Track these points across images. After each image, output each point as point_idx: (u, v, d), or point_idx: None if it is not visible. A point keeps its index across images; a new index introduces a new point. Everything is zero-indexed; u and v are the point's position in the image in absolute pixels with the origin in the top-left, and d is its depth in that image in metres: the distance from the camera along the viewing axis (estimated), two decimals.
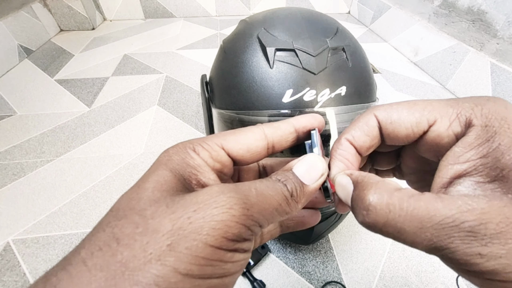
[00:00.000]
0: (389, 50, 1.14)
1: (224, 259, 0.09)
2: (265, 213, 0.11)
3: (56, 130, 0.70)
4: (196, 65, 0.99)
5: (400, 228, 0.10)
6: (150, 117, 0.75)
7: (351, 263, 0.45)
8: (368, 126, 0.14)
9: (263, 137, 0.14)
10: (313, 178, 0.13)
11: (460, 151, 0.12)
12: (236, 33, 0.39)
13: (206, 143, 0.13)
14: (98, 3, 1.30)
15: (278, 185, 0.12)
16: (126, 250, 0.09)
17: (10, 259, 0.44)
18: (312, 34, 0.33)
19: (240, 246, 0.10)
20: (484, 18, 0.78)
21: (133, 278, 0.08)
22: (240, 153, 0.14)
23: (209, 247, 0.09)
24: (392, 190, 0.11)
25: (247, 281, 0.42)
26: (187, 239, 0.09)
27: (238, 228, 0.09)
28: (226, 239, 0.09)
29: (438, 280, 0.43)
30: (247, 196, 0.10)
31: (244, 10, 1.46)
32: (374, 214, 0.11)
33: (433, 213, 0.10)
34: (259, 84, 0.31)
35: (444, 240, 0.10)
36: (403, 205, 0.10)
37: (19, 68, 0.96)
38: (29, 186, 0.56)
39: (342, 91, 0.31)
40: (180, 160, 0.12)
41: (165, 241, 0.09)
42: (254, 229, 0.10)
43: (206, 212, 0.09)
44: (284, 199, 0.12)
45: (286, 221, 0.17)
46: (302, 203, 0.13)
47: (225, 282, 0.09)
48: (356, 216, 0.12)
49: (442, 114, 0.13)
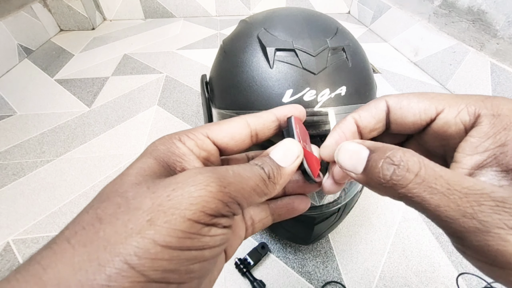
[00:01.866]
0: (389, 50, 1.14)
1: (202, 232, 0.10)
2: (242, 192, 0.11)
3: (56, 130, 0.70)
4: (196, 65, 0.99)
5: (428, 188, 0.10)
6: (150, 117, 0.75)
7: (351, 263, 0.45)
8: (376, 109, 0.15)
9: (246, 126, 0.15)
10: (289, 160, 0.14)
11: (477, 141, 0.12)
12: (236, 33, 0.39)
13: (191, 133, 0.14)
14: (98, 3, 1.30)
15: (255, 167, 0.13)
16: (108, 227, 0.09)
17: (10, 259, 0.44)
18: (312, 34, 0.33)
19: (218, 221, 0.10)
20: (484, 18, 0.78)
21: (114, 251, 0.08)
22: (224, 141, 0.14)
23: (187, 220, 0.09)
24: (419, 155, 0.11)
25: (247, 281, 0.42)
26: (166, 214, 0.09)
27: (215, 203, 0.10)
28: (203, 213, 0.09)
29: (438, 280, 0.43)
30: (224, 176, 0.11)
31: (244, 10, 1.46)
32: (405, 168, 0.11)
33: (462, 179, 0.10)
34: (259, 84, 0.31)
35: (473, 206, 0.09)
36: (434, 167, 0.10)
37: (19, 68, 0.96)
38: (29, 186, 0.56)
39: (342, 91, 0.31)
40: (166, 149, 0.13)
41: (145, 217, 0.09)
42: (232, 206, 0.11)
43: (184, 189, 0.10)
44: (261, 180, 0.12)
45: (277, 209, 0.17)
46: (280, 184, 0.13)
47: (204, 255, 0.10)
48: (376, 174, 0.12)
49: (451, 104, 0.13)
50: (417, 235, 0.49)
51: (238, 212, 0.12)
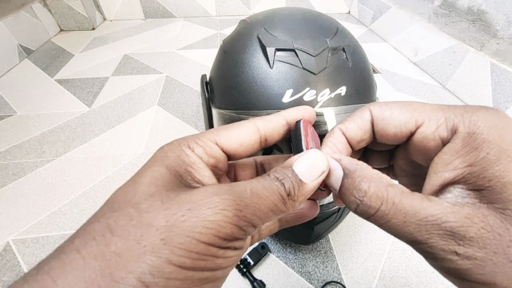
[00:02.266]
0: (389, 50, 1.14)
1: (217, 255, 0.10)
2: (259, 213, 0.11)
3: (56, 130, 0.70)
4: (196, 65, 0.99)
5: (387, 220, 0.11)
6: (150, 117, 0.75)
7: (351, 263, 0.45)
8: (362, 120, 0.15)
9: (256, 131, 0.14)
10: (313, 176, 0.13)
11: (448, 159, 0.12)
12: (236, 33, 0.39)
13: (200, 140, 0.13)
14: (98, 3, 1.30)
15: (274, 184, 0.12)
16: (120, 241, 0.09)
17: (10, 259, 0.44)
18: (312, 34, 0.33)
19: (232, 245, 0.10)
20: (484, 18, 0.78)
21: (128, 268, 0.08)
22: (233, 147, 0.14)
23: (201, 243, 0.09)
24: (386, 185, 0.12)
25: (247, 281, 0.42)
26: (181, 235, 0.09)
27: (230, 228, 0.10)
28: (218, 237, 0.10)
29: (438, 280, 0.43)
30: (241, 198, 0.11)
31: (244, 10, 1.46)
32: (367, 205, 0.12)
33: (418, 210, 0.11)
34: (259, 84, 0.31)
35: (423, 235, 0.11)
36: (394, 199, 0.11)
37: (19, 68, 0.96)
38: (29, 186, 0.56)
39: (342, 91, 0.31)
40: (176, 157, 0.12)
41: (159, 236, 0.09)
42: (247, 229, 0.11)
43: (200, 211, 0.10)
44: (280, 199, 0.12)
45: (285, 216, 0.17)
46: (300, 202, 0.13)
47: (216, 275, 0.10)
48: (346, 202, 0.13)
49: (431, 117, 0.13)
50: None
51: (253, 233, 0.11)
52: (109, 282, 0.08)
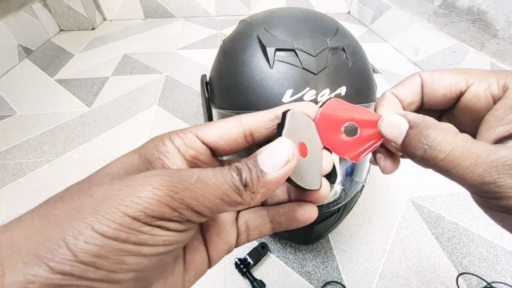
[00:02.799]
0: (389, 50, 1.14)
1: (142, 230, 0.10)
2: (202, 200, 0.11)
3: (56, 130, 0.69)
4: (196, 65, 0.99)
5: (456, 164, 0.12)
6: (150, 117, 0.75)
7: (351, 263, 0.45)
8: (412, 83, 0.16)
9: (238, 125, 0.14)
10: (276, 166, 0.12)
11: (501, 114, 0.13)
12: (236, 33, 0.39)
13: (182, 132, 0.14)
14: (98, 3, 1.30)
15: (229, 174, 0.11)
16: (63, 207, 0.10)
17: None
18: (312, 34, 0.33)
19: (162, 224, 0.10)
20: (484, 18, 0.78)
21: (59, 229, 0.09)
22: (213, 140, 0.14)
23: (126, 216, 0.10)
24: (455, 132, 0.12)
25: (247, 281, 0.42)
26: (109, 206, 0.10)
27: (159, 207, 0.10)
28: (144, 213, 0.10)
29: (438, 280, 0.43)
30: (183, 181, 0.11)
31: (244, 10, 1.46)
32: (437, 149, 0.12)
33: (490, 153, 0.11)
34: (259, 84, 0.31)
35: (493, 175, 0.11)
36: (464, 144, 0.12)
37: (19, 68, 0.96)
38: (29, 186, 0.55)
39: (342, 91, 0.31)
40: (153, 147, 0.13)
41: (92, 205, 0.10)
42: (184, 213, 0.10)
43: (134, 188, 0.10)
44: (234, 189, 0.11)
45: (277, 217, 0.16)
46: (263, 195, 0.12)
47: (141, 250, 0.10)
48: (411, 150, 0.13)
49: (482, 78, 0.14)
50: (417, 235, 0.49)
51: (197, 219, 0.11)
52: (42, 239, 0.09)
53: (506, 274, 0.44)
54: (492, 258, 0.46)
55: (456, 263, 0.45)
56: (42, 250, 0.09)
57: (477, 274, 0.44)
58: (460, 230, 0.50)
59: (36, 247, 0.09)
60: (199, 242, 0.15)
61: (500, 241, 0.49)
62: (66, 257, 0.09)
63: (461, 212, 0.53)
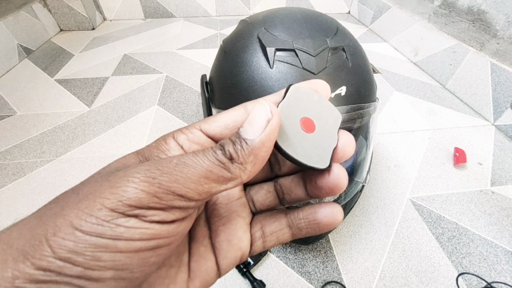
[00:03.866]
0: (389, 50, 1.14)
1: (117, 222, 0.09)
2: (183, 181, 0.10)
3: (56, 130, 0.69)
4: (196, 65, 0.99)
5: None
6: (150, 117, 0.75)
7: (351, 263, 0.45)
8: None
9: (243, 112, 0.13)
10: (257, 130, 0.11)
11: None
12: (236, 33, 0.39)
13: (186, 128, 0.13)
14: (98, 3, 1.30)
15: (210, 151, 0.11)
16: (54, 206, 0.10)
17: None
18: (312, 34, 0.33)
19: (142, 213, 0.10)
20: (484, 18, 0.78)
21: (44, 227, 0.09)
22: (217, 131, 0.13)
23: (104, 208, 0.09)
24: None
25: (247, 281, 0.42)
26: (90, 201, 0.10)
27: (136, 194, 0.10)
28: (121, 202, 0.09)
29: (438, 280, 0.43)
30: (161, 167, 0.10)
31: (244, 10, 1.46)
32: None
33: None
34: (259, 84, 0.31)
35: None
36: None
37: (19, 68, 0.96)
38: (29, 186, 0.55)
39: (342, 91, 0.31)
40: (154, 146, 0.13)
41: (76, 202, 0.10)
42: (164, 197, 0.10)
43: (113, 181, 0.10)
44: (217, 164, 0.11)
45: (296, 221, 0.14)
46: (252, 164, 0.11)
47: (116, 245, 0.09)
48: None
49: None
50: (417, 235, 0.49)
51: (182, 204, 0.10)
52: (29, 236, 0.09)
53: (506, 274, 0.44)
54: (492, 258, 0.46)
55: (456, 263, 0.45)
56: (27, 246, 0.09)
57: (477, 274, 0.44)
58: (460, 230, 0.50)
59: (24, 243, 0.09)
60: (206, 249, 0.14)
61: (500, 241, 0.49)
62: (45, 253, 0.09)
63: (461, 212, 0.53)
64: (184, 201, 0.10)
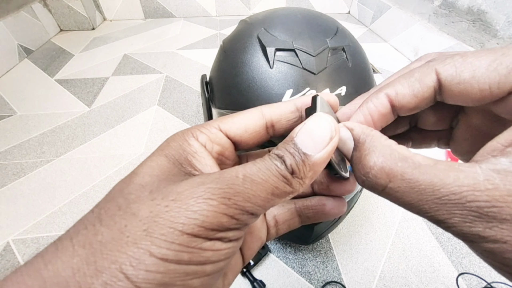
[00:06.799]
0: (389, 50, 1.14)
1: (203, 247, 0.09)
2: (255, 200, 0.10)
3: (56, 130, 0.69)
4: (196, 65, 0.99)
5: (398, 197, 0.10)
6: (150, 117, 0.75)
7: (351, 263, 0.45)
8: (421, 85, 0.12)
9: (261, 117, 0.14)
10: (319, 146, 0.11)
11: None
12: (236, 33, 0.39)
13: (204, 127, 0.13)
14: (98, 3, 1.30)
15: (273, 164, 0.10)
16: (106, 230, 0.09)
17: (10, 259, 0.44)
18: (312, 34, 0.33)
19: (223, 235, 0.10)
20: (484, 18, 0.78)
21: (111, 258, 0.08)
22: (238, 133, 0.13)
23: (185, 234, 0.09)
24: (397, 159, 0.10)
25: (247, 281, 0.42)
26: (163, 226, 0.09)
27: (217, 218, 0.09)
28: (203, 228, 0.09)
29: (438, 280, 0.43)
30: (230, 185, 0.10)
31: (244, 10, 1.46)
32: (374, 182, 0.10)
33: (438, 187, 0.09)
34: (259, 84, 0.31)
35: (442, 215, 0.09)
36: (405, 176, 0.10)
37: (19, 68, 0.96)
38: (29, 186, 0.55)
39: (342, 91, 0.31)
40: (177, 146, 0.12)
41: (142, 226, 0.09)
42: (241, 218, 0.10)
43: (183, 202, 0.09)
44: (282, 180, 0.10)
45: (305, 210, 0.15)
46: (310, 178, 0.11)
47: (205, 270, 0.09)
48: (356, 176, 0.12)
49: None
50: (417, 235, 0.49)
51: (251, 221, 0.10)
52: (93, 271, 0.08)
53: None
54: None
55: (456, 263, 0.45)
56: (98, 283, 0.08)
57: (477, 274, 0.44)
58: None
59: (89, 281, 0.08)
60: None
61: None
62: None
63: None
64: (254, 218, 0.10)
